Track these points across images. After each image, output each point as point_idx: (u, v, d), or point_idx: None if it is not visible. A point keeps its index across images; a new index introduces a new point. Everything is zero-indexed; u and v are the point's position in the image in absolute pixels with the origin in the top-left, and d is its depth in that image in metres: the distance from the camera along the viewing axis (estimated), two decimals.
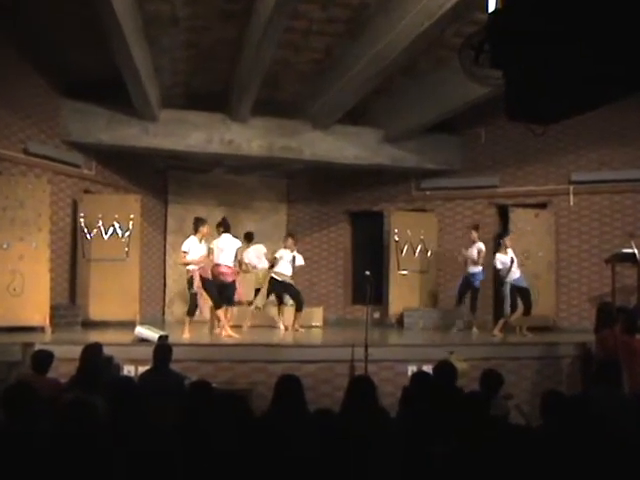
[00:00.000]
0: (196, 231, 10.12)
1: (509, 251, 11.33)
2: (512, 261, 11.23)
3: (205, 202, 14.66)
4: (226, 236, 10.65)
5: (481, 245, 11.74)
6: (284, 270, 11.50)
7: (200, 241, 10.11)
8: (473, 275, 11.73)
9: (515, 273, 11.24)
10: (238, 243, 10.77)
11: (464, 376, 7.12)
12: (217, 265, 10.43)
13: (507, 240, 11.46)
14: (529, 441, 4.03)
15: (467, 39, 4.79)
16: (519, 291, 11.22)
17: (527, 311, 11.27)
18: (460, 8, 8.09)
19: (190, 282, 10.05)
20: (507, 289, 11.18)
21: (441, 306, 13.49)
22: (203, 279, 10.06)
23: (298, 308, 11.65)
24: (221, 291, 10.36)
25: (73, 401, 4.29)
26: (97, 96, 11.60)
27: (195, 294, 10.05)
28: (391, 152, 13.33)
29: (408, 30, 8.58)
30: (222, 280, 10.43)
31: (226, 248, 10.52)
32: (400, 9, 8.60)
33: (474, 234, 11.90)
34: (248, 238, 12.60)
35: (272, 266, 11.67)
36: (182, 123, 12.28)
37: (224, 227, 10.77)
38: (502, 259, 11.27)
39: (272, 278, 11.54)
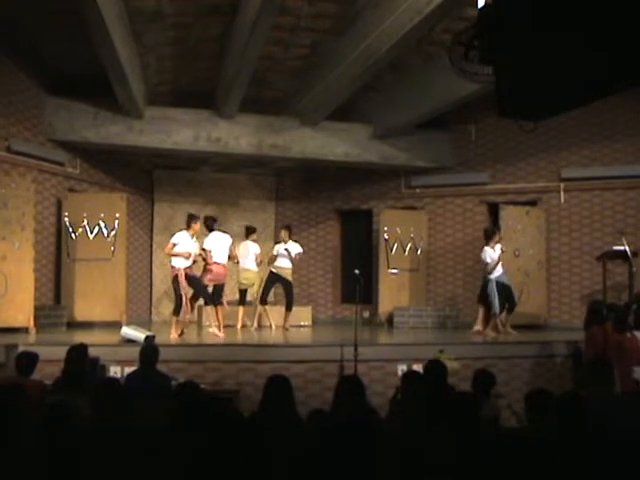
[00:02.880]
0: (188, 227, 10.13)
1: (497, 247, 11.16)
2: (499, 257, 11.08)
3: (192, 200, 14.55)
4: (218, 233, 10.58)
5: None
6: (282, 263, 11.64)
7: (192, 237, 10.11)
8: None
9: (499, 270, 11.11)
10: (229, 239, 10.70)
11: (454, 375, 7.08)
12: (217, 264, 10.42)
13: (498, 235, 11.30)
14: (519, 442, 3.99)
15: (457, 35, 4.75)
16: (502, 288, 11.10)
17: (510, 309, 11.18)
18: (449, 4, 8.04)
19: (176, 281, 9.93)
20: (493, 286, 11.02)
21: (431, 305, 13.42)
22: (190, 277, 9.97)
23: (287, 307, 11.64)
24: (214, 290, 10.42)
25: (54, 403, 4.22)
26: (82, 93, 11.50)
27: (181, 294, 9.93)
28: (381, 149, 13.26)
29: (397, 26, 8.51)
30: (220, 280, 10.46)
31: (222, 246, 10.50)
32: (389, 4, 8.54)
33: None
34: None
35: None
36: (168, 120, 12.17)
37: (212, 224, 10.69)
38: (491, 254, 11.12)
39: (270, 272, 11.63)
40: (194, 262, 10.23)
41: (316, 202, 14.97)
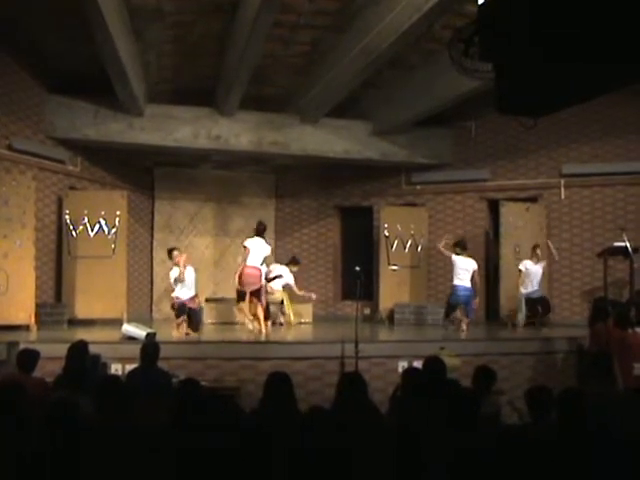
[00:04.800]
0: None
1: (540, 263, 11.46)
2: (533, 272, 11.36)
3: (193, 198, 14.58)
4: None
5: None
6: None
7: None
8: None
9: (530, 287, 11.31)
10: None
11: (455, 371, 7.08)
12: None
13: (538, 250, 11.53)
14: (519, 439, 3.99)
15: (457, 32, 4.75)
16: (535, 301, 11.34)
17: (545, 313, 11.48)
18: (448, 0, 8.02)
19: None
20: (522, 301, 11.32)
21: (432, 301, 13.41)
22: None
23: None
24: None
25: (55, 401, 4.23)
26: (82, 91, 11.50)
27: None
28: (381, 146, 13.27)
29: (397, 22, 8.50)
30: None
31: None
32: (388, 1, 8.53)
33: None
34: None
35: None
36: (169, 118, 12.18)
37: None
38: (527, 264, 11.39)
39: None
40: None
41: (316, 199, 14.97)
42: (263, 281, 10.49)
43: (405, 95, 11.96)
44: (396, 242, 13.50)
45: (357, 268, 8.83)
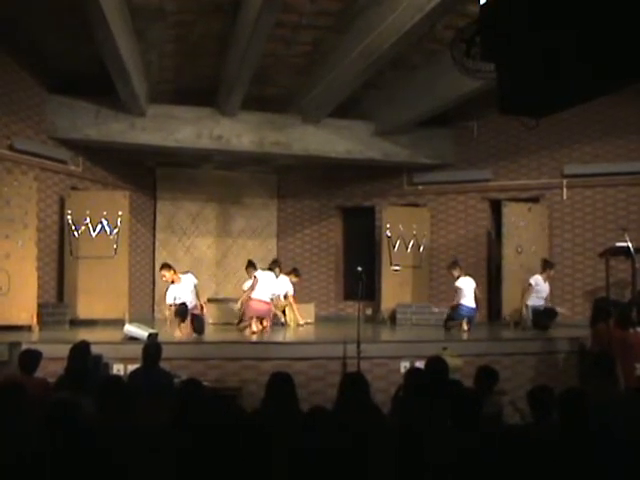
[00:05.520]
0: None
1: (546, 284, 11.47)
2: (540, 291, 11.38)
3: (194, 198, 14.58)
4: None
5: None
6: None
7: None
8: None
9: (537, 300, 11.30)
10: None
11: (457, 372, 7.07)
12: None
13: (552, 272, 11.58)
14: (521, 439, 3.99)
15: (458, 32, 4.75)
16: (543, 312, 11.30)
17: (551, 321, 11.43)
18: (451, 0, 8.00)
19: None
20: (529, 312, 11.28)
21: (434, 302, 13.39)
22: None
23: None
24: None
25: (56, 401, 4.23)
26: (84, 91, 11.51)
27: None
28: (383, 146, 13.26)
29: (399, 23, 8.49)
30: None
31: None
32: (390, 2, 8.52)
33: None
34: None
35: None
36: (170, 118, 12.17)
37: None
38: (538, 280, 11.36)
39: None
40: None
41: (318, 199, 14.97)
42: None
43: (407, 95, 11.95)
44: (398, 242, 13.49)
45: (359, 268, 8.82)
